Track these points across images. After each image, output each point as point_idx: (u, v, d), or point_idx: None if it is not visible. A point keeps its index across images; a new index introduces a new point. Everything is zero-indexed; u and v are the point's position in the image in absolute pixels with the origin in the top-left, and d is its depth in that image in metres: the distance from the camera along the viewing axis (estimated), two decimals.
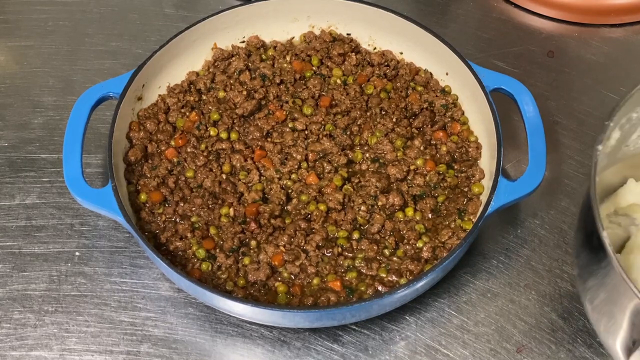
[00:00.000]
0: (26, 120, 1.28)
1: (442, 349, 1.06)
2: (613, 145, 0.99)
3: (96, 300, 1.10)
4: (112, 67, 1.34)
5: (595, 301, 0.94)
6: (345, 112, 1.19)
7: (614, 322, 0.90)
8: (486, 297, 1.10)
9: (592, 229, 0.88)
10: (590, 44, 1.37)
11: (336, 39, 1.26)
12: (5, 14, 1.43)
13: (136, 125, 1.17)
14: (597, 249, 0.87)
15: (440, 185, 1.13)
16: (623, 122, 0.97)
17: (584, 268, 0.94)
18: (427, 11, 1.42)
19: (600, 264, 0.88)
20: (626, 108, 0.95)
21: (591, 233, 0.89)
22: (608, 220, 1.06)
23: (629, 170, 1.07)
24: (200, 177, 1.13)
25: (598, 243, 0.86)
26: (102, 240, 1.16)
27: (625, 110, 0.96)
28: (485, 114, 1.11)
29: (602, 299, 0.92)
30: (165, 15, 1.42)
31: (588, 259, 0.93)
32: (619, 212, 1.06)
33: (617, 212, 1.06)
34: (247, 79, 1.22)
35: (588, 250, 0.92)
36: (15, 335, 1.08)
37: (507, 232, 1.16)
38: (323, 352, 1.06)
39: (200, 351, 1.06)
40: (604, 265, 0.87)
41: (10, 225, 1.17)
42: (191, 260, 1.06)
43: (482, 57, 1.33)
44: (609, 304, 0.90)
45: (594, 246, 0.89)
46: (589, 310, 0.96)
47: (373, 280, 1.05)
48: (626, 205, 1.05)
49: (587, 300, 0.95)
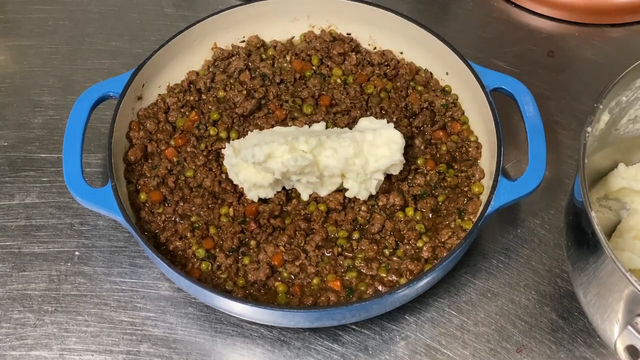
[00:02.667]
0: (26, 119, 1.28)
1: (442, 349, 1.06)
2: (603, 129, 0.99)
3: (96, 300, 1.10)
4: (112, 66, 1.34)
5: (587, 287, 0.94)
6: (345, 111, 1.19)
7: (607, 307, 0.91)
8: (486, 297, 1.10)
9: (581, 211, 0.87)
10: (591, 44, 1.37)
11: (336, 38, 1.26)
12: (5, 13, 1.43)
13: (136, 125, 1.17)
14: (587, 231, 0.88)
15: (440, 184, 1.13)
16: (612, 105, 0.98)
17: (575, 253, 0.95)
18: (428, 11, 1.42)
19: (589, 248, 0.89)
20: (615, 91, 0.96)
21: (580, 215, 0.89)
22: (598, 204, 1.06)
23: (619, 155, 1.08)
24: (200, 177, 1.13)
25: (587, 224, 0.86)
26: (102, 239, 1.16)
27: (614, 93, 0.96)
28: (486, 113, 1.11)
29: (593, 283, 0.92)
30: (165, 15, 1.42)
31: (578, 244, 0.93)
32: (610, 196, 1.07)
33: (607, 197, 1.07)
34: (247, 78, 1.22)
35: (577, 234, 0.93)
36: (15, 335, 1.08)
37: (507, 232, 1.16)
38: (323, 352, 1.06)
39: (200, 351, 1.06)
40: (594, 249, 0.87)
41: (10, 225, 1.17)
42: (191, 260, 1.06)
43: (482, 56, 1.33)
44: (600, 288, 0.91)
45: (583, 229, 0.89)
46: (582, 300, 0.96)
47: (373, 280, 1.05)
48: (616, 189, 1.06)
49: (579, 287, 0.96)
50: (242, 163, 1.07)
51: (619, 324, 0.89)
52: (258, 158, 1.04)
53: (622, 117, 1.02)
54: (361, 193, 1.09)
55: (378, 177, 1.09)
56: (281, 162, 1.04)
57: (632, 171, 1.06)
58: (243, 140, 1.11)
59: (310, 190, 1.10)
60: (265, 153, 1.03)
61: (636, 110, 1.02)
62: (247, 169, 1.07)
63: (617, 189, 1.06)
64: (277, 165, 1.04)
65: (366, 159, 1.07)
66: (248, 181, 1.08)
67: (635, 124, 1.05)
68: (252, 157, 1.04)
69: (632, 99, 1.00)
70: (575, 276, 0.96)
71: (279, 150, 1.04)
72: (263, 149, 1.04)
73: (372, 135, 1.07)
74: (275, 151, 1.04)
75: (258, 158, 1.04)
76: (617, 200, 1.06)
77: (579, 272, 0.94)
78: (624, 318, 0.87)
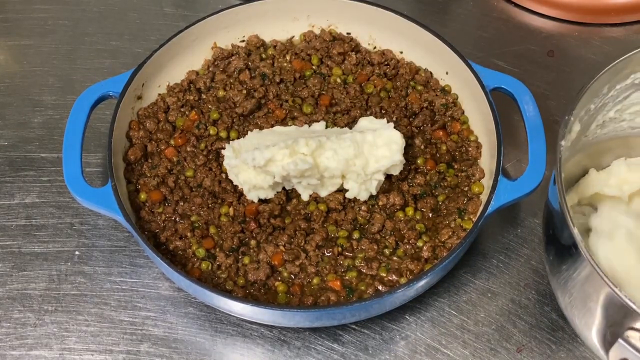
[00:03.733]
0: (26, 119, 1.28)
1: (442, 349, 1.06)
2: (574, 139, 0.99)
3: (96, 300, 1.10)
4: (111, 66, 1.34)
5: (566, 293, 0.95)
6: (345, 111, 1.19)
7: (587, 310, 0.92)
8: (486, 297, 1.10)
9: (560, 220, 0.88)
10: (591, 44, 1.37)
11: (336, 38, 1.26)
12: (5, 12, 1.43)
13: (136, 125, 1.17)
14: (566, 238, 0.89)
15: (440, 184, 1.13)
16: (582, 114, 0.98)
17: (554, 261, 0.96)
18: (427, 10, 1.42)
19: (569, 254, 0.90)
20: (584, 100, 0.96)
21: (556, 221, 0.90)
22: (572, 210, 1.06)
23: (588, 160, 1.09)
24: (199, 177, 1.13)
25: (567, 233, 0.88)
26: (102, 239, 1.16)
27: (584, 102, 0.96)
28: (485, 113, 1.11)
29: (573, 289, 0.93)
30: (165, 15, 1.42)
31: (556, 252, 0.95)
32: (582, 202, 1.07)
33: (580, 203, 1.08)
34: (246, 78, 1.22)
35: (556, 243, 0.94)
36: (15, 335, 1.08)
37: (507, 232, 1.16)
38: (323, 351, 1.06)
39: (200, 350, 1.06)
40: (572, 254, 0.89)
41: (10, 225, 1.17)
42: (191, 260, 1.06)
43: (482, 56, 1.33)
44: (580, 293, 0.92)
45: (562, 237, 0.90)
46: (562, 304, 0.98)
47: (373, 280, 1.05)
48: (589, 195, 1.06)
49: (559, 291, 0.97)
50: (243, 165, 1.07)
51: (604, 334, 0.90)
52: (258, 162, 1.04)
53: (591, 124, 1.03)
54: (361, 194, 1.09)
55: (378, 177, 1.09)
56: (282, 165, 1.04)
57: (603, 176, 1.07)
58: (243, 140, 1.10)
59: (310, 190, 1.10)
60: (266, 157, 1.03)
61: (603, 115, 1.04)
62: (247, 170, 1.07)
63: (590, 195, 1.06)
64: (278, 169, 1.04)
65: (366, 160, 1.07)
66: (248, 183, 1.08)
67: (603, 128, 1.06)
68: (252, 161, 1.04)
69: (599, 106, 1.01)
70: (555, 283, 0.98)
71: (280, 154, 1.04)
72: (264, 154, 1.04)
73: (372, 136, 1.07)
74: (276, 155, 1.04)
75: (258, 162, 1.04)
76: (590, 205, 1.07)
77: (557, 278, 0.96)
78: (611, 329, 0.89)
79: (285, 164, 1.04)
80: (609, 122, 1.06)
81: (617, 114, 1.05)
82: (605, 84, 0.99)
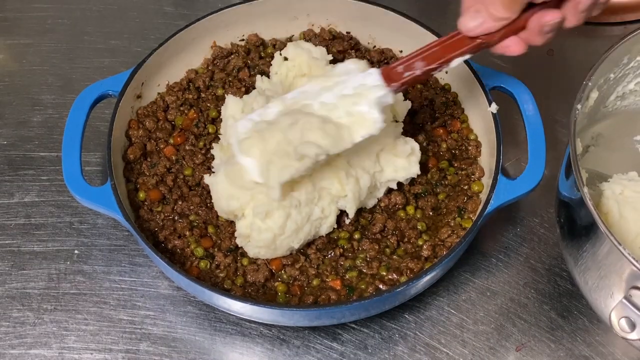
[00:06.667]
0: (25, 118, 1.28)
1: (442, 348, 1.06)
2: (592, 106, 0.99)
3: (95, 299, 1.10)
4: (111, 65, 1.34)
5: (579, 262, 0.95)
6: None
7: (600, 280, 0.93)
8: (485, 296, 1.10)
9: (573, 189, 0.89)
10: (591, 43, 1.36)
11: (336, 36, 1.26)
12: (4, 11, 1.43)
13: (135, 124, 1.17)
14: (579, 206, 0.89)
15: (441, 182, 1.13)
16: (601, 82, 0.98)
17: (568, 231, 0.96)
18: (427, 10, 1.42)
19: (582, 226, 0.90)
20: (603, 68, 0.96)
21: (572, 192, 0.91)
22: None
23: (607, 131, 1.09)
24: (198, 175, 1.13)
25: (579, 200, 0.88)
26: (101, 238, 1.16)
27: (603, 70, 0.96)
28: (485, 112, 1.11)
29: (589, 262, 0.94)
30: (164, 14, 1.42)
31: (570, 220, 0.94)
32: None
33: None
34: (245, 76, 1.22)
35: (570, 211, 0.94)
36: (14, 334, 1.08)
37: (507, 231, 1.16)
38: (322, 350, 1.06)
39: (200, 349, 1.06)
40: (586, 226, 0.89)
41: (9, 224, 1.17)
42: (189, 259, 1.06)
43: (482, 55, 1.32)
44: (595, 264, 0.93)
45: (575, 205, 0.90)
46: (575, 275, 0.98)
47: (373, 279, 1.04)
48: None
49: (572, 261, 0.97)
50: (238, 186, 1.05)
51: (613, 297, 0.90)
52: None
53: (611, 94, 1.02)
54: (369, 202, 1.09)
55: (392, 185, 1.09)
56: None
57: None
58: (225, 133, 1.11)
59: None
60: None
61: (623, 87, 1.03)
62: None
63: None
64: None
65: (382, 168, 1.06)
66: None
67: (623, 100, 1.05)
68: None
69: (619, 76, 1.00)
70: (568, 253, 0.97)
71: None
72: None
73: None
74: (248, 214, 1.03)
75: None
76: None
77: (571, 249, 0.95)
78: (618, 291, 0.89)
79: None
80: (629, 94, 1.04)
81: (637, 86, 1.04)
82: (626, 54, 0.98)
